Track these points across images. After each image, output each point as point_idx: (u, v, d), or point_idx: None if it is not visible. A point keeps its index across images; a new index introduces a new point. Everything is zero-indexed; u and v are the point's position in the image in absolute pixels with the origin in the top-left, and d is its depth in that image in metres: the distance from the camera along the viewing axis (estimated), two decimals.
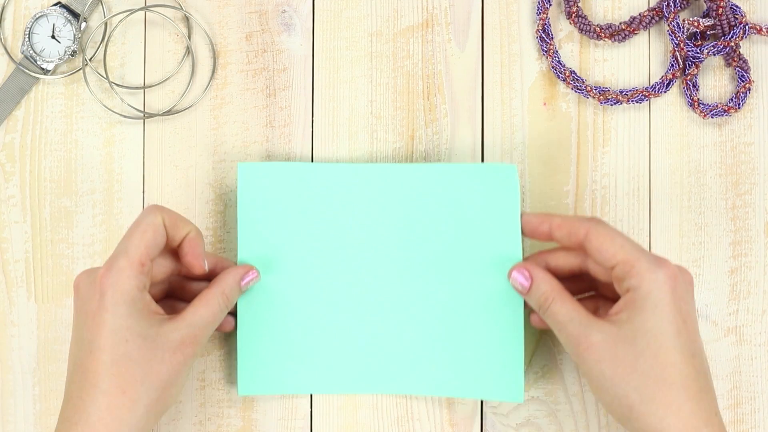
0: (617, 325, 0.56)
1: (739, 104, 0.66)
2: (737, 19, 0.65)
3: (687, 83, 0.66)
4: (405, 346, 0.64)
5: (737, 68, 0.67)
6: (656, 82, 0.66)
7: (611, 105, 0.67)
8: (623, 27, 0.67)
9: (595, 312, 0.60)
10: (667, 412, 0.55)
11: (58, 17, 0.66)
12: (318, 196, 0.64)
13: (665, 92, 0.67)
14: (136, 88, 0.67)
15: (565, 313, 0.58)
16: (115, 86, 0.67)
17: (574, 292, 0.60)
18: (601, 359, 0.56)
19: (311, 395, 0.66)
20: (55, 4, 0.66)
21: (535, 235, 0.62)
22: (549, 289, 0.59)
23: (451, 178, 0.64)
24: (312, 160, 0.67)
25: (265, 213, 0.64)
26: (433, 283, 0.64)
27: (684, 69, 0.66)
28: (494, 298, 0.63)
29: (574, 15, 0.67)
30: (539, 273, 0.60)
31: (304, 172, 0.64)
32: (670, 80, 0.66)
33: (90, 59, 0.67)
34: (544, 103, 0.67)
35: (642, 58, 0.68)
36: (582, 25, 0.67)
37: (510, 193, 0.63)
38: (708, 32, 0.67)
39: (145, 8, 0.67)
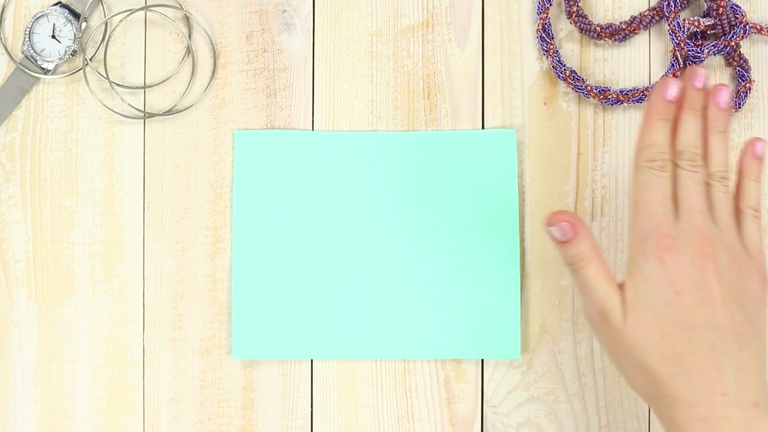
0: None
1: (739, 104, 0.66)
2: (737, 18, 0.65)
3: None
4: (403, 309, 0.65)
5: (737, 68, 0.67)
6: (656, 82, 0.66)
7: (611, 105, 0.67)
8: (623, 27, 0.67)
9: None
10: (691, 380, 0.53)
11: (59, 17, 0.66)
12: (316, 163, 0.66)
13: None
14: (137, 87, 0.67)
15: (597, 278, 0.55)
16: (115, 86, 0.67)
17: None
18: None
19: (311, 395, 0.66)
20: (56, 4, 0.66)
21: None
22: (588, 249, 0.56)
23: (450, 145, 0.66)
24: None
25: (262, 181, 0.66)
26: (431, 247, 0.65)
27: (684, 69, 0.66)
28: (491, 260, 0.65)
29: (574, 15, 0.67)
30: (583, 229, 0.56)
31: (303, 139, 0.66)
32: None
33: (90, 59, 0.67)
34: (545, 103, 0.67)
35: (642, 58, 0.68)
36: (582, 24, 0.67)
37: (508, 158, 0.65)
38: (708, 32, 0.67)
39: (146, 8, 0.67)
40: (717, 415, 0.52)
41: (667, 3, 0.66)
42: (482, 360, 0.66)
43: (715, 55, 0.66)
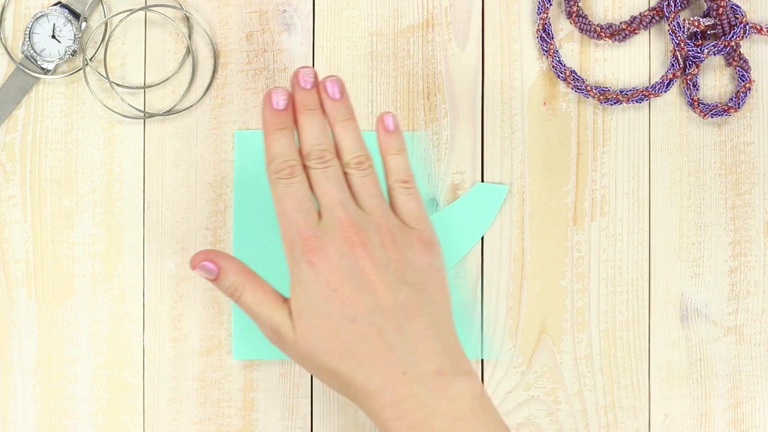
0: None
1: (739, 104, 0.66)
2: (737, 18, 0.65)
3: (687, 83, 0.66)
4: None
5: (737, 68, 0.67)
6: (656, 82, 0.66)
7: (611, 105, 0.67)
8: (623, 27, 0.67)
9: None
10: (369, 369, 0.53)
11: (59, 17, 0.66)
12: None
13: (665, 92, 0.67)
14: (137, 87, 0.67)
15: (257, 302, 0.56)
16: (115, 86, 0.67)
17: None
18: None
19: (311, 395, 0.66)
20: (56, 4, 0.66)
21: None
22: (237, 278, 0.57)
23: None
24: None
25: (262, 181, 0.65)
26: None
27: (684, 69, 0.66)
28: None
29: (574, 15, 0.67)
30: (226, 261, 0.57)
31: None
32: (671, 80, 0.66)
33: (90, 59, 0.67)
34: (544, 103, 0.67)
35: (642, 58, 0.68)
36: (582, 24, 0.67)
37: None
38: (708, 32, 0.67)
39: (146, 8, 0.67)
40: (402, 395, 0.53)
41: (667, 3, 0.66)
42: (482, 360, 0.66)
43: (715, 55, 0.66)
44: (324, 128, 0.57)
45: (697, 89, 0.67)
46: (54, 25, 0.66)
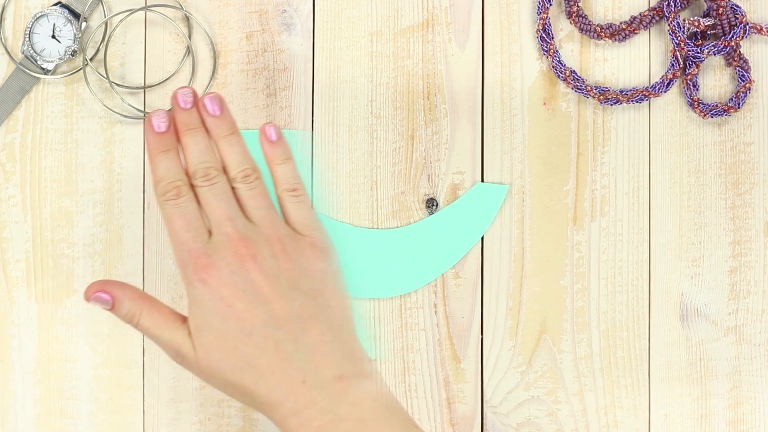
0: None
1: (739, 104, 0.66)
2: (737, 18, 0.65)
3: (687, 83, 0.66)
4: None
5: (737, 68, 0.67)
6: (656, 82, 0.66)
7: (611, 105, 0.67)
8: (623, 27, 0.67)
9: None
10: (270, 381, 0.54)
11: (59, 17, 0.66)
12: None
13: (665, 92, 0.67)
14: (137, 87, 0.67)
15: (155, 325, 0.56)
16: (115, 86, 0.67)
17: None
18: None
19: None
20: (56, 4, 0.66)
21: None
22: (133, 305, 0.57)
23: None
24: (312, 160, 0.67)
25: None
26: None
27: (684, 69, 0.66)
28: None
29: (574, 15, 0.67)
30: (119, 290, 0.57)
31: (301, 140, 0.66)
32: (671, 80, 0.66)
33: (90, 59, 0.67)
34: (544, 103, 0.67)
35: (642, 58, 0.68)
36: (582, 24, 0.67)
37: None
38: (708, 32, 0.67)
39: (146, 8, 0.67)
40: (303, 403, 0.53)
41: (667, 3, 0.66)
42: (482, 360, 0.66)
43: (715, 55, 0.66)
44: (207, 145, 0.58)
45: (697, 89, 0.67)
46: (54, 25, 0.66)
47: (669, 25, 0.66)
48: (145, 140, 0.58)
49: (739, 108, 0.66)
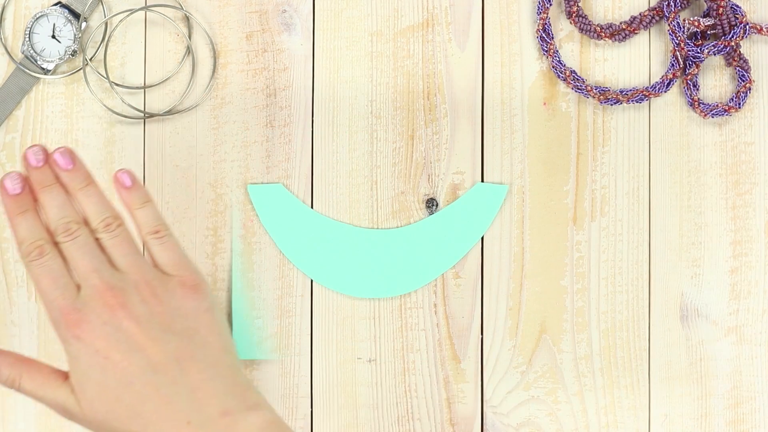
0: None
1: (739, 104, 0.66)
2: (737, 18, 0.65)
3: (687, 83, 0.66)
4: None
5: (737, 68, 0.67)
6: (656, 82, 0.66)
7: (611, 105, 0.67)
8: (623, 27, 0.67)
9: None
10: (156, 426, 0.54)
11: (59, 17, 0.66)
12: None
13: (665, 92, 0.67)
14: (137, 88, 0.67)
15: (37, 387, 0.57)
16: (115, 86, 0.67)
17: None
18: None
19: (311, 395, 0.66)
20: (56, 4, 0.66)
21: None
22: (10, 371, 0.57)
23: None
24: (312, 160, 0.67)
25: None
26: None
27: (684, 69, 0.66)
28: None
29: (574, 15, 0.67)
30: None
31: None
32: (671, 80, 0.66)
33: (90, 59, 0.67)
34: (544, 103, 0.67)
35: (642, 58, 0.68)
36: (582, 24, 0.67)
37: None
38: (708, 32, 0.67)
39: (146, 8, 0.67)
40: None
41: (667, 3, 0.66)
42: (482, 360, 0.66)
43: (715, 55, 0.66)
44: (64, 201, 0.58)
45: (697, 89, 0.67)
46: (54, 25, 0.66)
47: (669, 25, 0.66)
48: (3, 203, 0.57)
49: (739, 108, 0.66)
